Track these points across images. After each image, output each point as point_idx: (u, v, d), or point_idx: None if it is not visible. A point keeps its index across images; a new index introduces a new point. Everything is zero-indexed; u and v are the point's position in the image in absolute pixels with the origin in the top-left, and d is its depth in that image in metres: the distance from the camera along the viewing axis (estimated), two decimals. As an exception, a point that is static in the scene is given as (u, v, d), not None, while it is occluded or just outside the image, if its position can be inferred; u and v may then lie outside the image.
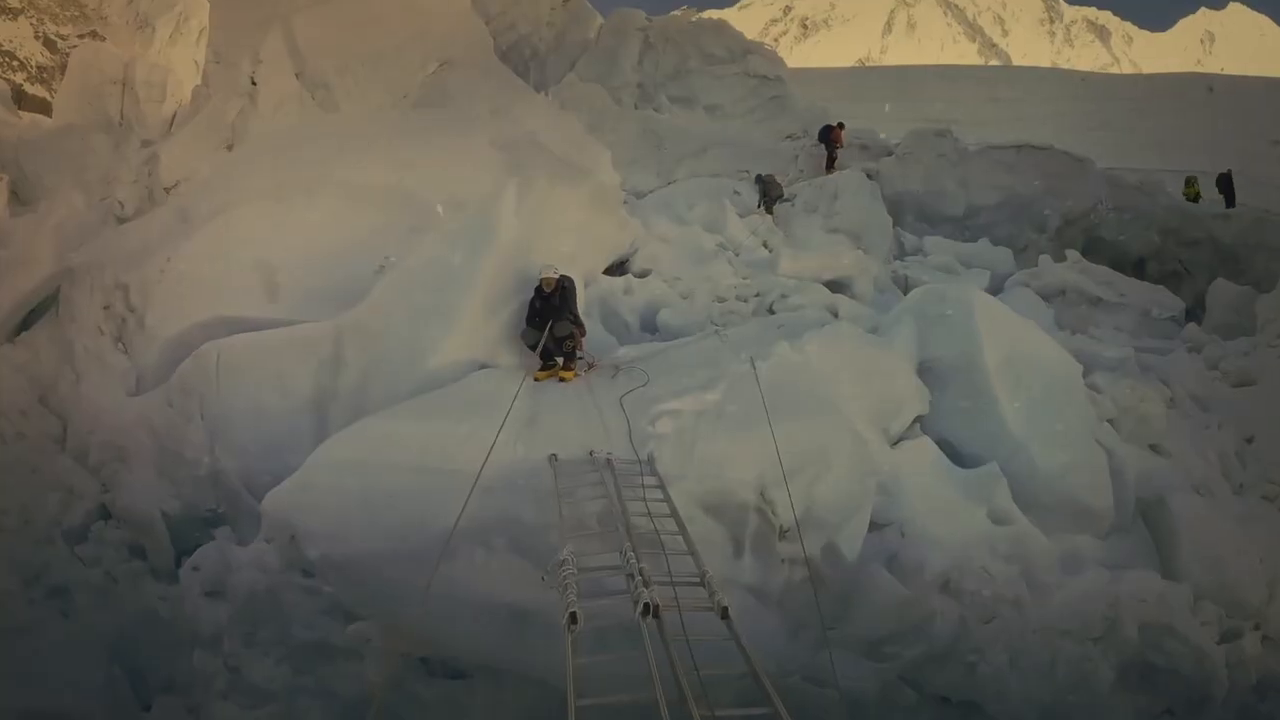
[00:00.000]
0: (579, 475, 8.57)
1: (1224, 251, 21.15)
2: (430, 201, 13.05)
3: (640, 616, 5.29)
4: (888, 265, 17.86)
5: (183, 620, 10.75)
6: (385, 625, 9.48)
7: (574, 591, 5.64)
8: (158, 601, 11.51)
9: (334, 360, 11.25)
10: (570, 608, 5.40)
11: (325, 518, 9.06)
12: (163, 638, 11.19)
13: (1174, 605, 10.35)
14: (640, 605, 5.33)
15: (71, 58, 28.01)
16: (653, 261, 15.78)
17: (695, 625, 5.51)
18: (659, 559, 6.49)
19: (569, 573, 5.93)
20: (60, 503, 12.28)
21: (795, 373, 10.38)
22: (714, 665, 5.23)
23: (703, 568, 6.20)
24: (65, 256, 13.92)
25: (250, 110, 16.01)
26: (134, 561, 11.98)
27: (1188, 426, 13.01)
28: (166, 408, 11.79)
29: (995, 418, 10.95)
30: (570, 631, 5.32)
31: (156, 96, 26.39)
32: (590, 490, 8.26)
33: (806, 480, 9.12)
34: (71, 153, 17.56)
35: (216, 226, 12.99)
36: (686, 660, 5.08)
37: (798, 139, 23.53)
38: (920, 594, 9.21)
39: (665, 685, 4.72)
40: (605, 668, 5.15)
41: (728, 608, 5.46)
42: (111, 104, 24.78)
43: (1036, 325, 12.58)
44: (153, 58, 24.85)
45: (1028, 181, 21.52)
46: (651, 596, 5.43)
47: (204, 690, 10.24)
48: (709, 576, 5.95)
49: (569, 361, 11.05)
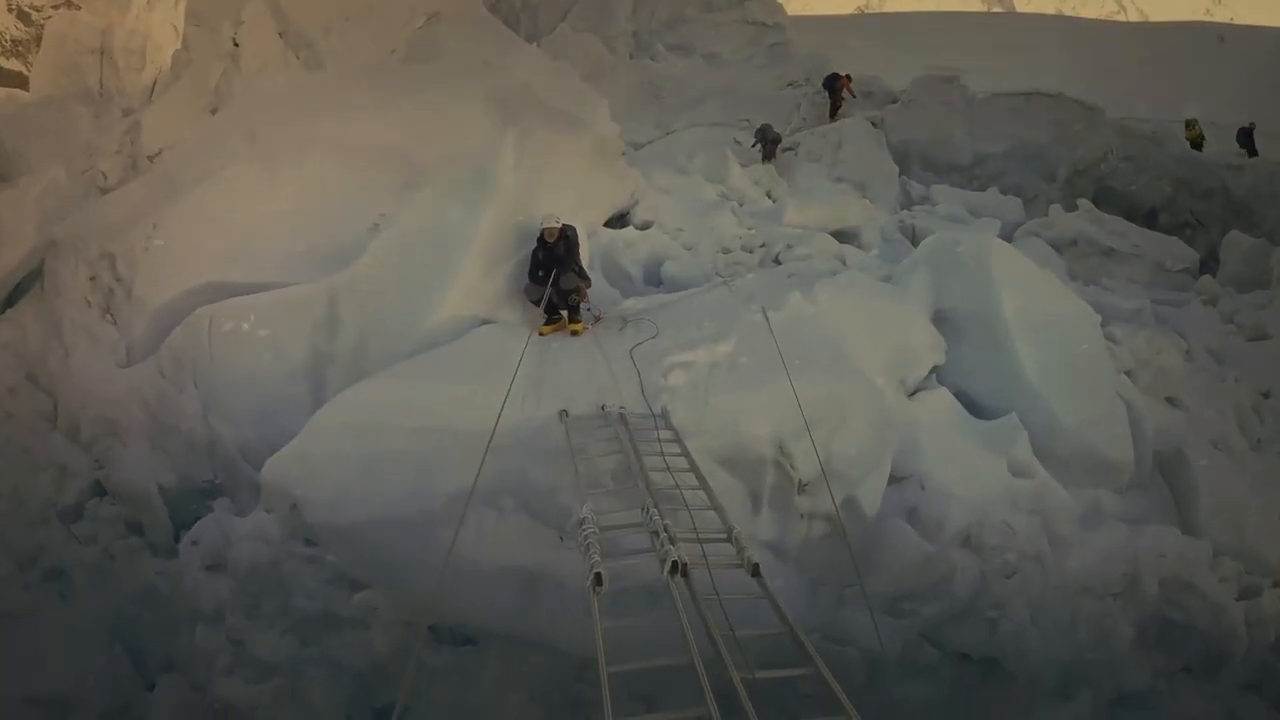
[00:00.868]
0: (591, 431, 8.24)
1: (1237, 203, 20.78)
2: (423, 157, 12.57)
3: (669, 575, 4.97)
4: (894, 215, 17.42)
5: (183, 596, 10.51)
6: (391, 594, 9.22)
7: (597, 551, 5.31)
8: (156, 578, 11.21)
9: (329, 321, 10.87)
10: (595, 568, 5.07)
11: (325, 485, 8.78)
12: (164, 615, 10.93)
13: (1193, 561, 10.28)
14: (669, 564, 5.01)
15: (47, 29, 27.32)
16: (654, 213, 15.32)
17: (724, 583, 5.20)
18: (681, 515, 6.15)
19: (590, 531, 5.59)
20: (53, 482, 11.89)
21: (808, 323, 10.05)
22: (745, 625, 4.93)
23: (729, 523, 5.86)
24: (48, 229, 13.43)
25: (233, 72, 15.53)
26: (131, 538, 11.65)
27: (1204, 380, 12.81)
28: (158, 378, 11.42)
29: (1013, 368, 10.66)
30: (596, 594, 5.00)
31: (136, 64, 25.72)
32: (604, 446, 7.93)
33: (824, 433, 8.81)
34: (51, 125, 16.90)
35: (202, 191, 12.50)
36: (720, 620, 4.77)
37: (799, 86, 22.95)
38: (941, 549, 8.96)
39: (700, 647, 4.43)
40: (631, 631, 4.87)
41: (758, 564, 5.14)
42: (90, 74, 24.17)
43: (1053, 274, 12.25)
44: (131, 24, 24.20)
45: (1037, 130, 21.00)
46: (679, 554, 5.10)
47: (207, 667, 10.02)
48: (736, 532, 5.62)
49: (575, 315, 10.67)
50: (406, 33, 17.04)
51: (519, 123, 13.04)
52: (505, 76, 14.98)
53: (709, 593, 4.94)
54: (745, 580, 5.18)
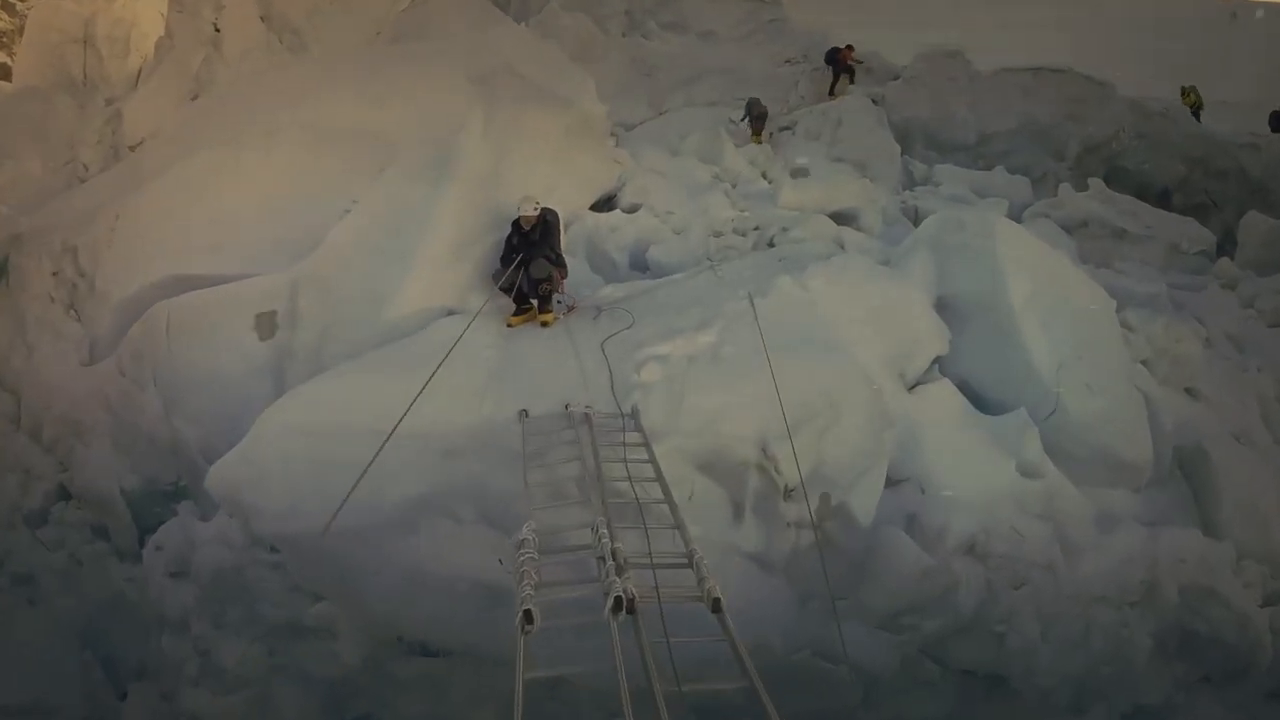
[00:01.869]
0: (552, 434, 7.47)
1: (1253, 184, 19.91)
2: (398, 140, 11.83)
3: (610, 614, 4.19)
4: (896, 196, 16.52)
5: (149, 603, 10.22)
6: (347, 607, 8.67)
7: (531, 582, 4.52)
8: (124, 584, 11.01)
9: (290, 315, 10.17)
10: (525, 603, 4.29)
11: (274, 492, 8.11)
12: (133, 622, 10.71)
13: (1215, 566, 9.67)
14: (610, 599, 4.22)
15: (29, 18, 26.71)
16: (643, 195, 14.45)
17: (679, 620, 4.41)
18: (638, 535, 5.36)
19: (527, 556, 4.81)
20: (19, 485, 11.68)
21: (799, 310, 9.26)
22: (702, 665, 4.17)
23: (690, 546, 5.06)
24: (14, 222, 12.95)
25: (215, 59, 15.47)
26: (98, 543, 11.42)
27: (1224, 369, 12.01)
28: (119, 376, 10.92)
29: (1022, 359, 9.85)
30: (524, 633, 4.22)
31: (120, 52, 25.12)
32: (565, 451, 7.16)
33: (814, 433, 8.03)
34: (33, 116, 16.71)
35: (168, 179, 11.84)
36: (665, 663, 4.01)
37: (796, 64, 22.02)
38: (943, 559, 8.19)
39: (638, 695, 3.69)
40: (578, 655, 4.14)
41: (720, 599, 4.35)
42: (74, 63, 23.71)
43: (1065, 256, 11.42)
44: (115, 12, 23.71)
45: (1045, 106, 20.07)
46: (625, 587, 4.31)
47: (175, 677, 9.65)
48: (698, 558, 4.80)
49: (545, 304, 9.90)
50: (392, 14, 16.61)
51: (496, 101, 12.25)
52: (490, 56, 14.27)
53: (658, 634, 4.14)
54: (705, 616, 4.40)
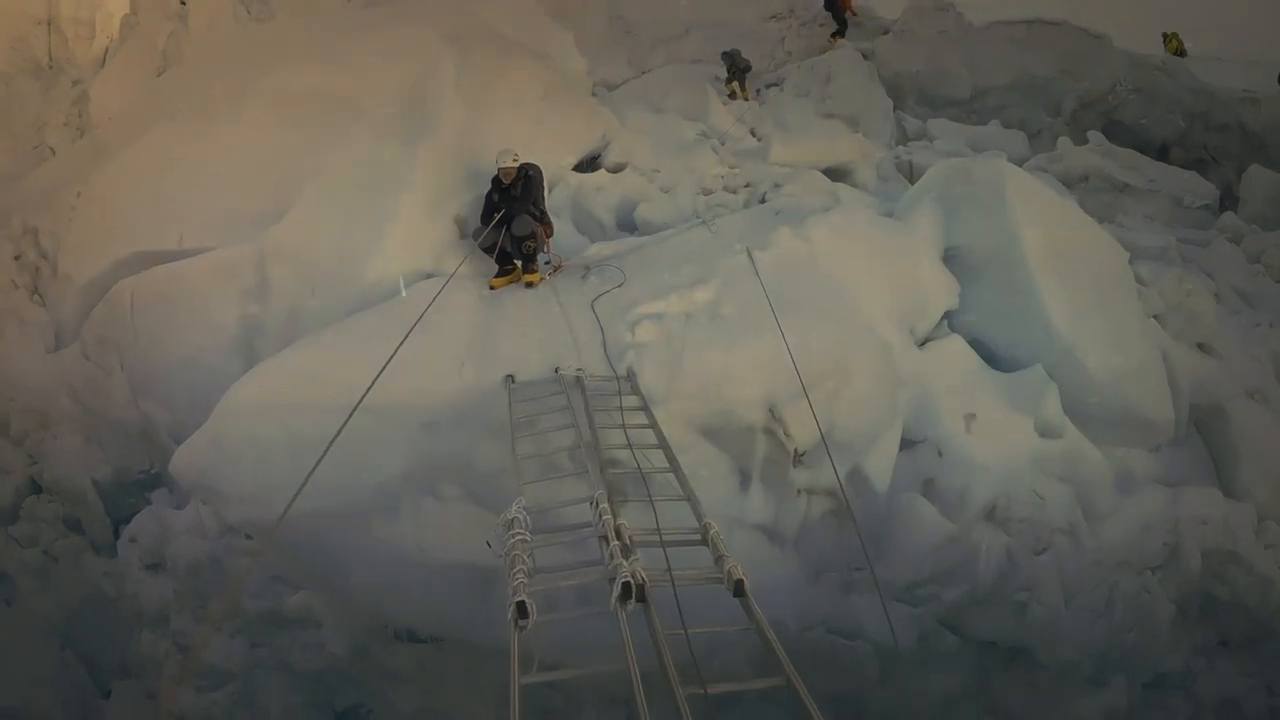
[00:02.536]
0: (541, 400, 6.85)
1: (1253, 139, 19.31)
2: (368, 102, 11.09)
3: (619, 603, 3.58)
4: (890, 151, 15.88)
5: (126, 598, 9.82)
6: (328, 596, 8.20)
7: (525, 567, 3.90)
8: (102, 578, 10.61)
9: (259, 287, 9.52)
10: (518, 593, 3.67)
11: (242, 476, 7.49)
12: (113, 618, 10.38)
13: (1237, 528, 9.24)
14: (618, 586, 3.61)
15: (-10, 3, 25.76)
16: (628, 154, 13.74)
17: (697, 603, 3.82)
18: (646, 509, 4.74)
19: (519, 538, 4.17)
20: None
21: (801, 264, 8.62)
22: (714, 654, 3.60)
23: (704, 520, 4.44)
24: None
25: (182, 32, 14.99)
26: (73, 537, 11.02)
27: (1237, 325, 11.49)
28: (84, 361, 10.35)
29: (1037, 313, 9.21)
30: (518, 628, 3.61)
31: (86, 34, 24.33)
32: (557, 418, 6.52)
33: (824, 394, 7.42)
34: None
35: (130, 155, 11.20)
36: (681, 655, 3.42)
37: (783, 19, 21.23)
38: (964, 525, 7.65)
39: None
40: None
41: (743, 580, 3.75)
42: (38, 46, 22.96)
43: (1077, 205, 10.84)
44: (80, -7, 23.33)
45: (1040, 60, 19.31)
46: (634, 570, 3.70)
47: (156, 675, 9.30)
48: (714, 533, 4.20)
49: (530, 264, 9.25)
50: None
51: (470, 56, 11.56)
52: (464, 14, 13.54)
53: (673, 623, 3.53)
54: (716, 598, 3.80)
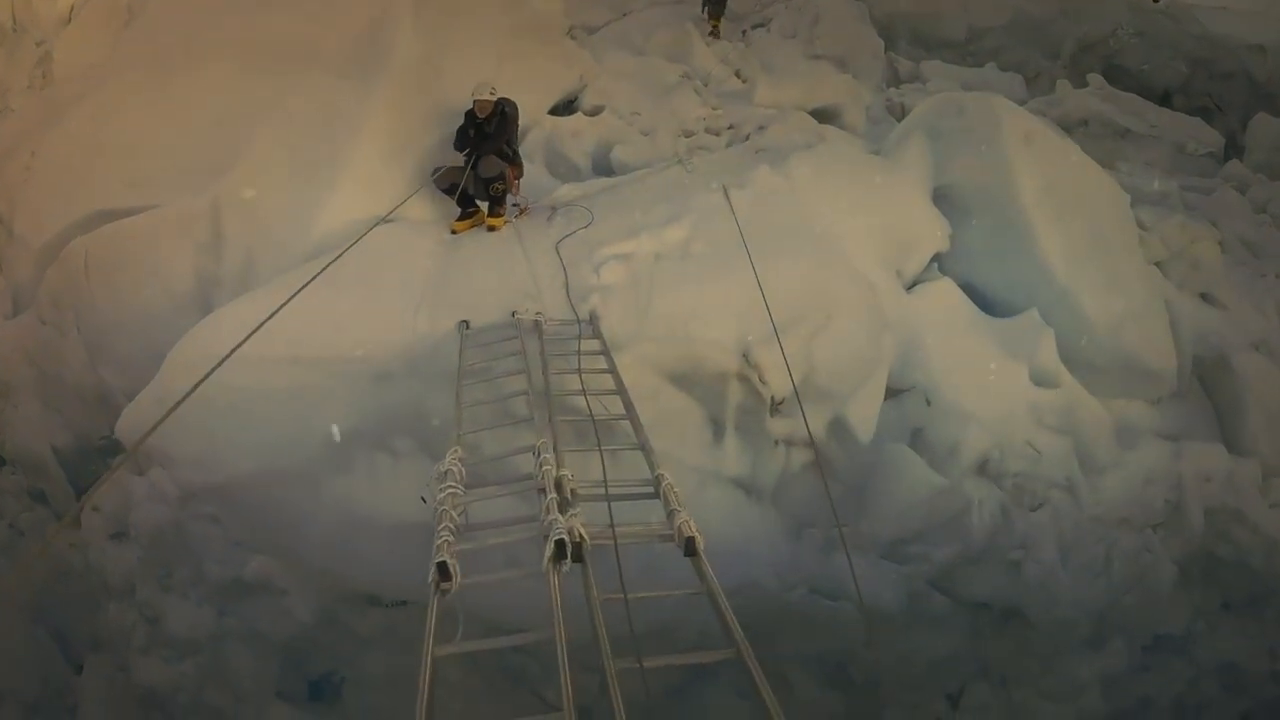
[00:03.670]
0: (495, 345, 6.33)
1: (1258, 88, 18.75)
2: (330, 48, 10.48)
3: (550, 563, 3.06)
4: (881, 93, 15.24)
5: (92, 570, 9.44)
6: (284, 559, 7.78)
7: (451, 524, 3.38)
8: (69, 550, 10.14)
9: (214, 240, 9.04)
10: (440, 554, 3.15)
11: (190, 435, 7.11)
12: (81, 590, 9.97)
13: (1241, 485, 8.87)
14: (551, 544, 3.09)
15: (-52, -35, 24.77)
16: (606, 97, 13.07)
17: (645, 562, 3.31)
18: (598, 459, 4.21)
19: (450, 491, 3.66)
20: None
21: (780, 202, 8.09)
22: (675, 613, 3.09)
23: (657, 470, 3.91)
24: None
25: None
26: (38, 509, 10.67)
27: (1241, 275, 11.05)
28: (40, 326, 9.95)
29: (1032, 256, 8.74)
30: (439, 591, 3.10)
31: None
32: (510, 363, 6.01)
33: (802, 337, 6.93)
34: None
35: (85, 110, 10.60)
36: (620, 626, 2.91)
37: (771, -40, 20.40)
38: (955, 479, 7.19)
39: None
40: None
41: (695, 537, 3.23)
42: (1, 9, 22.08)
43: (1074, 144, 10.28)
44: (44, -47, 22.32)
45: (1038, 1, 18.76)
46: (571, 526, 3.18)
47: (125, 646, 8.90)
48: (667, 484, 3.67)
49: (496, 207, 8.67)
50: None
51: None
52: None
53: (613, 587, 3.01)
54: (678, 557, 3.29)
